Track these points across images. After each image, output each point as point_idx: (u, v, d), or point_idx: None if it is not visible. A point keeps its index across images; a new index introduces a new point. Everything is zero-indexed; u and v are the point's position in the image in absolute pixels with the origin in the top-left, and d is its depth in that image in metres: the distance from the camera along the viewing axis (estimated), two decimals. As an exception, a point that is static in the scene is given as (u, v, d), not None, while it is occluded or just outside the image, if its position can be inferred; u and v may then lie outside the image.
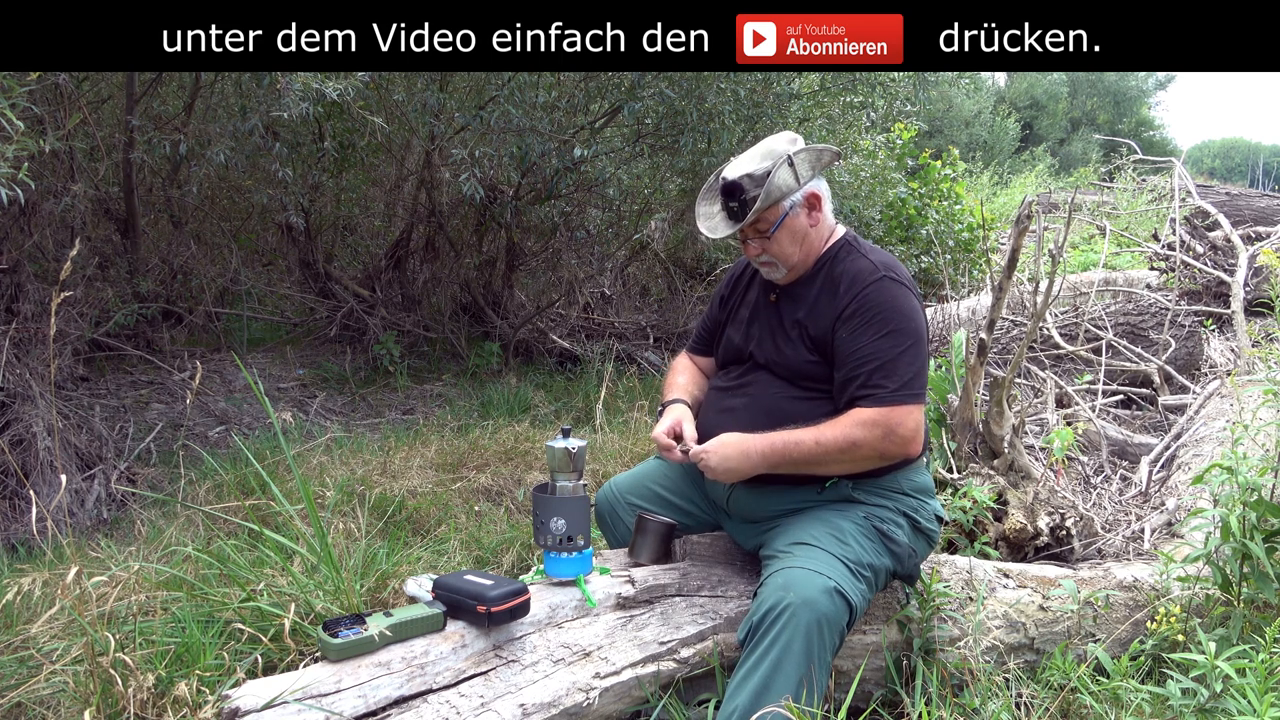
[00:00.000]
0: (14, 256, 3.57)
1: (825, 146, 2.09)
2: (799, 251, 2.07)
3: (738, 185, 2.00)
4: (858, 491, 2.01)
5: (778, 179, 1.97)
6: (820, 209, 2.09)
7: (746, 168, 2.01)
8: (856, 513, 1.98)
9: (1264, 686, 1.64)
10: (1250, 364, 4.09)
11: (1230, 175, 31.66)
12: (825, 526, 1.93)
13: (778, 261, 2.07)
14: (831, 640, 1.77)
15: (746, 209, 1.99)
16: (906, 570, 2.02)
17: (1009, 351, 4.83)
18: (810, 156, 2.05)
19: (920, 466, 2.11)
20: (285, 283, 6.03)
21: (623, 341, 6.06)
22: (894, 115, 6.55)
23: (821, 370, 2.03)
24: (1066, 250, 7.35)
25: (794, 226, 2.05)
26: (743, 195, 2.00)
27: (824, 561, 1.83)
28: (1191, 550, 2.20)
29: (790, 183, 2.01)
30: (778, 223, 2.02)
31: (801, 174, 2.02)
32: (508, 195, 5.15)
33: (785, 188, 2.00)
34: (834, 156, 2.11)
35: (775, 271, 2.10)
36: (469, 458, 3.84)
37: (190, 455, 3.72)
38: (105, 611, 2.03)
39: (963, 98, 20.92)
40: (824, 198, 2.10)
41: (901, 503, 2.04)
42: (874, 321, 1.95)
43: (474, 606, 1.78)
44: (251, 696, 1.59)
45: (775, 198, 1.99)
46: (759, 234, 2.04)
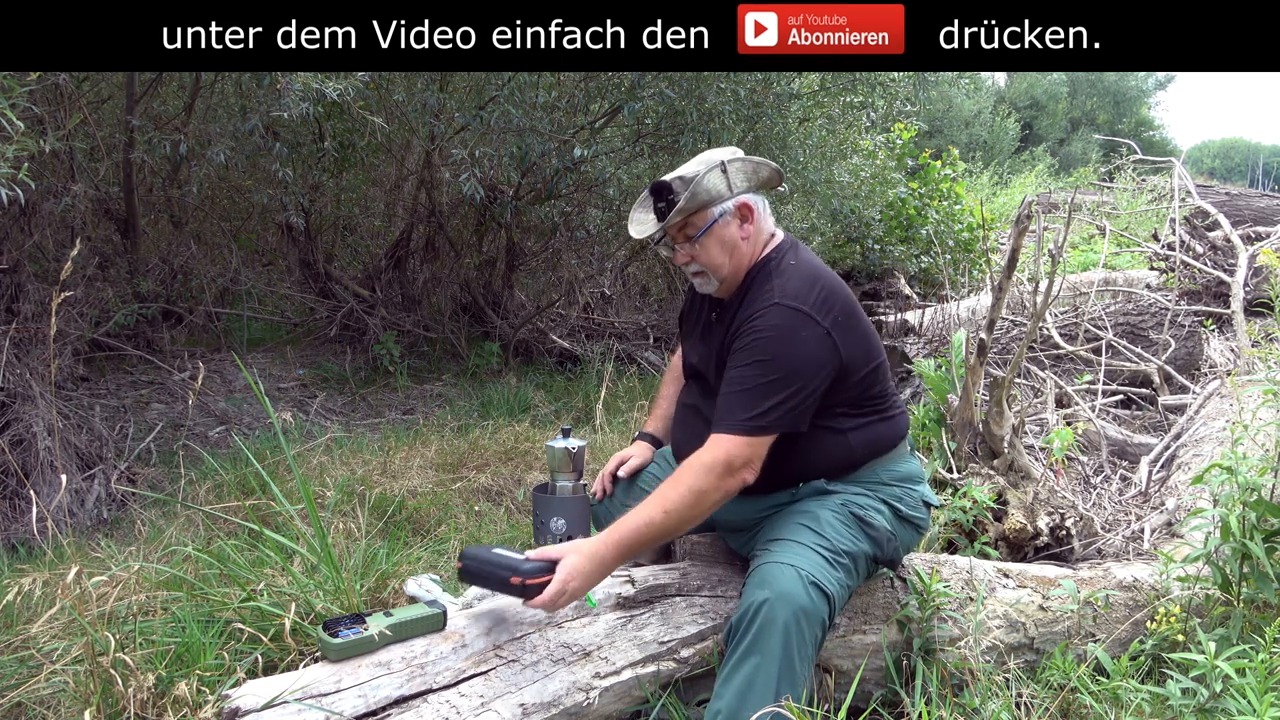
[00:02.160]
0: (14, 256, 3.57)
1: (764, 161, 2.05)
2: (729, 262, 2.02)
3: (666, 185, 1.98)
4: (834, 485, 2.01)
5: (706, 182, 1.95)
6: (752, 221, 2.04)
7: (680, 171, 2.00)
8: (834, 500, 1.98)
9: (1264, 686, 1.64)
10: (1250, 364, 4.09)
11: (1230, 175, 31.67)
12: (802, 518, 1.93)
13: (708, 270, 2.03)
14: (812, 633, 1.76)
15: (671, 209, 1.97)
16: (887, 555, 2.00)
17: (1009, 351, 4.83)
18: (747, 168, 2.02)
19: (900, 455, 2.10)
20: (285, 283, 6.03)
21: (623, 341, 6.06)
22: (894, 115, 6.54)
23: None
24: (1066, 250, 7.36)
25: (723, 235, 2.00)
26: (670, 195, 1.97)
27: (799, 554, 1.83)
28: (1191, 550, 2.20)
29: (720, 189, 1.98)
30: (705, 227, 1.99)
31: (735, 183, 2.00)
32: (508, 195, 5.15)
33: (714, 192, 1.97)
34: (773, 172, 2.06)
35: (707, 283, 2.06)
36: (469, 458, 3.85)
37: (190, 455, 3.72)
38: (105, 611, 2.03)
39: (963, 98, 20.93)
40: (758, 211, 2.04)
41: (881, 491, 2.03)
42: (749, 348, 1.90)
43: (508, 578, 1.75)
44: (251, 696, 1.59)
45: (702, 200, 1.96)
46: (687, 239, 2.01)
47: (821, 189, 5.84)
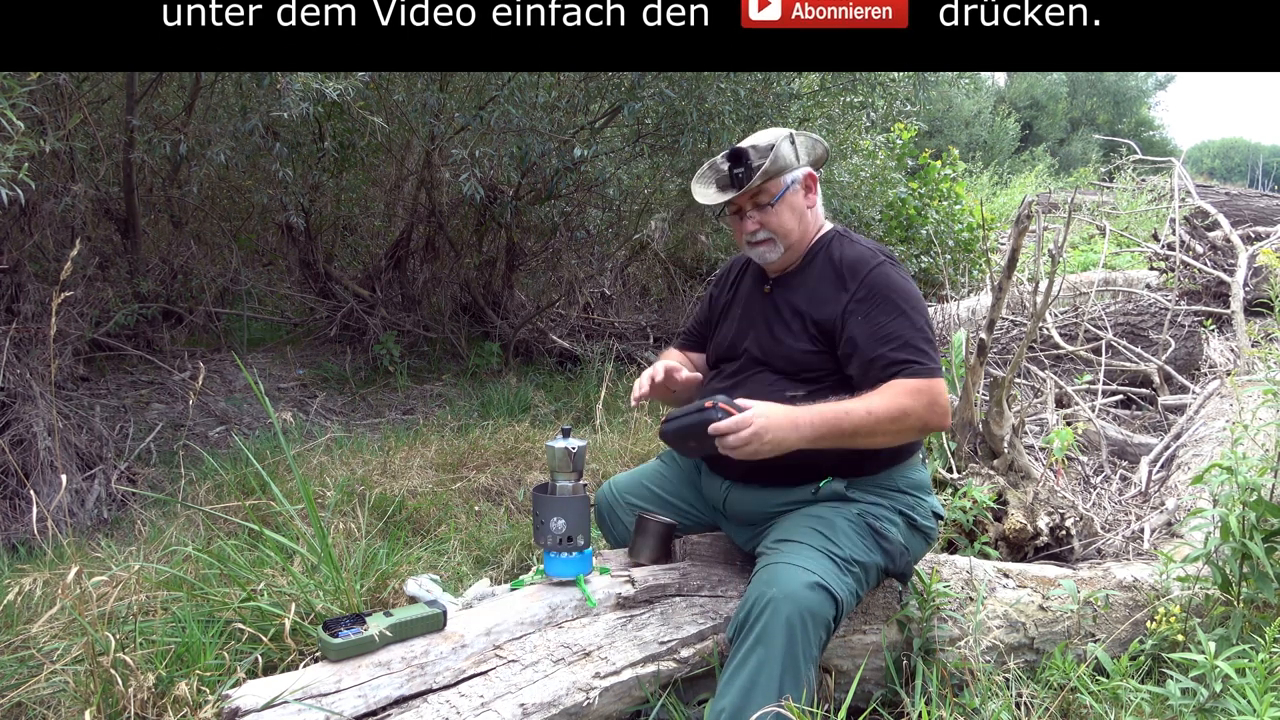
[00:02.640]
0: (14, 256, 3.57)
1: (820, 140, 2.17)
2: (798, 228, 2.10)
3: (744, 152, 2.05)
4: (853, 490, 2.01)
5: (783, 149, 2.04)
6: (815, 191, 2.16)
7: (751, 141, 2.08)
8: (850, 509, 1.98)
9: (1264, 686, 1.64)
10: (1250, 364, 4.09)
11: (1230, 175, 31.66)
12: (814, 522, 1.93)
13: (776, 236, 2.09)
14: (817, 634, 1.76)
15: (751, 174, 2.03)
16: (899, 568, 2.01)
17: (1009, 351, 4.83)
18: (808, 143, 2.15)
19: (916, 463, 2.11)
20: (285, 283, 6.04)
21: (623, 341, 6.06)
22: (894, 115, 6.54)
23: (820, 361, 2.03)
24: (1066, 250, 7.35)
25: (793, 202, 2.10)
26: (748, 162, 2.04)
27: (808, 556, 1.83)
28: (1191, 550, 2.20)
29: (791, 158, 2.08)
30: (779, 194, 2.07)
31: (801, 154, 2.10)
32: (508, 195, 5.15)
33: (788, 160, 2.07)
34: (825, 150, 2.20)
35: (771, 250, 2.11)
36: (469, 458, 3.85)
37: (190, 455, 3.72)
38: (105, 611, 2.03)
39: (962, 98, 20.93)
40: (818, 183, 2.17)
41: (897, 500, 2.03)
42: (886, 302, 1.98)
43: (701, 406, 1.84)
44: (252, 696, 1.59)
45: (780, 166, 2.05)
46: (759, 207, 2.08)
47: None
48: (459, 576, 2.74)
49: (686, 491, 2.27)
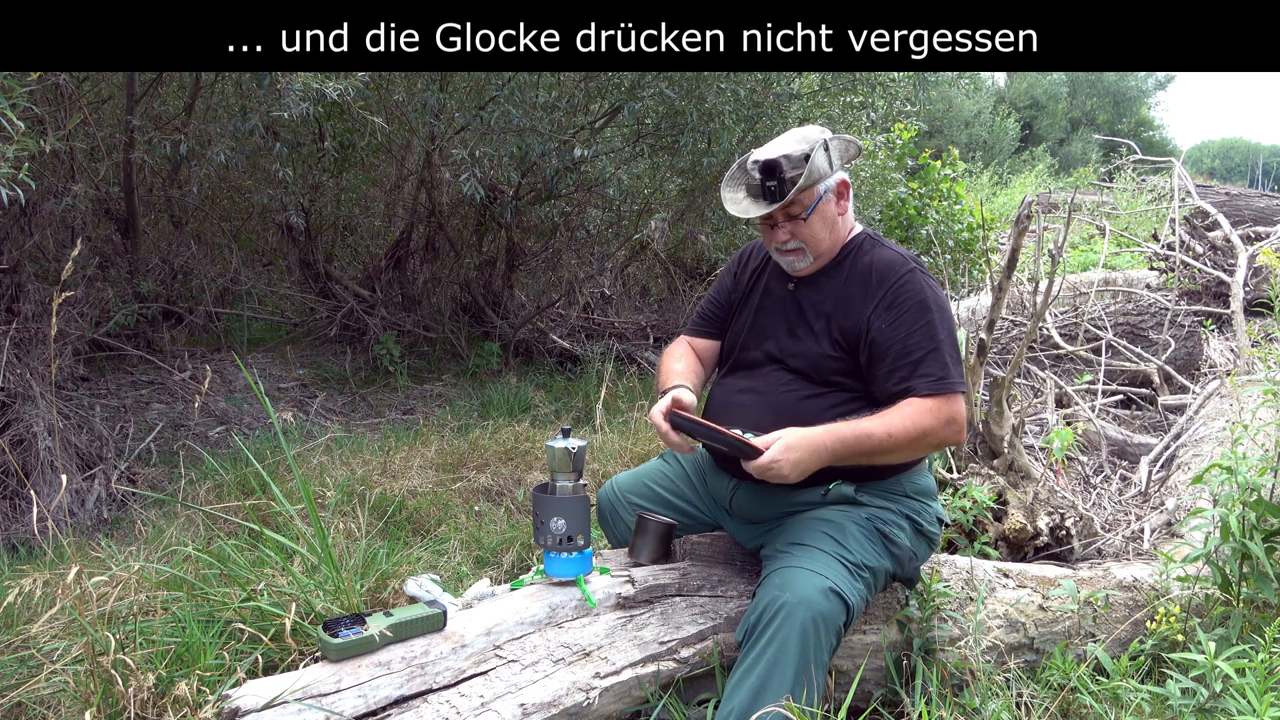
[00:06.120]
0: (14, 256, 3.57)
1: (853, 139, 2.08)
2: (828, 238, 2.05)
3: (776, 164, 1.95)
4: (861, 494, 2.00)
5: (818, 160, 1.96)
6: (847, 198, 2.09)
7: (783, 149, 1.98)
8: (859, 513, 1.97)
9: (1263, 686, 1.64)
10: (1250, 364, 4.09)
11: (1230, 175, 31.64)
12: (825, 527, 1.93)
13: (806, 247, 2.04)
14: (828, 639, 1.76)
15: (785, 189, 1.95)
16: (906, 573, 2.02)
17: (1009, 351, 4.83)
18: (841, 146, 2.05)
19: (922, 469, 2.11)
20: (285, 283, 6.03)
21: (623, 341, 6.06)
22: (894, 115, 6.54)
23: (841, 365, 2.00)
24: (1066, 250, 7.36)
25: (825, 212, 2.03)
26: (781, 175, 1.95)
27: (821, 561, 1.83)
28: (1191, 550, 2.20)
29: (825, 168, 1.99)
30: (813, 206, 2.00)
31: (835, 160, 2.02)
32: (508, 195, 5.15)
33: (822, 171, 1.99)
34: (858, 149, 2.10)
35: (801, 260, 2.06)
36: (469, 458, 3.84)
37: (190, 455, 3.72)
38: (105, 611, 2.03)
39: (962, 98, 20.91)
40: (850, 188, 2.10)
41: (904, 505, 2.03)
42: (912, 311, 1.95)
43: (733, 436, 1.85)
44: (252, 696, 1.59)
45: (815, 178, 1.97)
46: (791, 218, 2.02)
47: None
48: (459, 576, 2.74)
49: (689, 490, 2.26)
